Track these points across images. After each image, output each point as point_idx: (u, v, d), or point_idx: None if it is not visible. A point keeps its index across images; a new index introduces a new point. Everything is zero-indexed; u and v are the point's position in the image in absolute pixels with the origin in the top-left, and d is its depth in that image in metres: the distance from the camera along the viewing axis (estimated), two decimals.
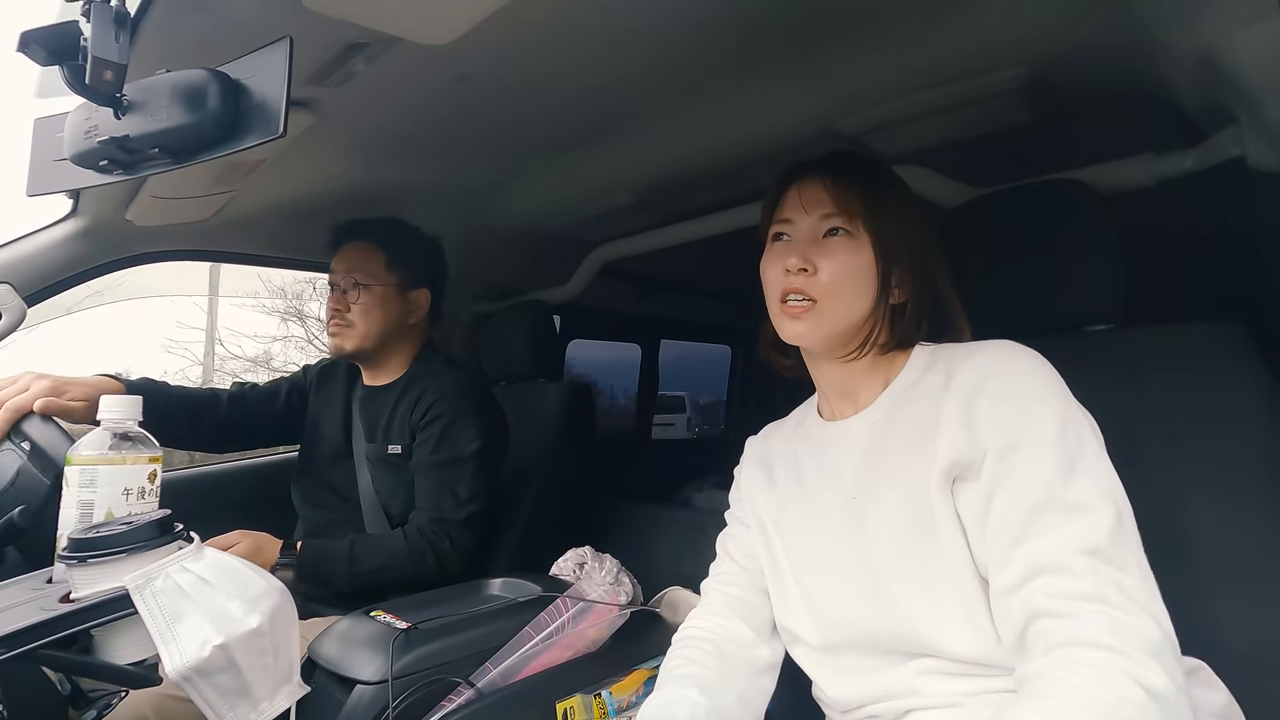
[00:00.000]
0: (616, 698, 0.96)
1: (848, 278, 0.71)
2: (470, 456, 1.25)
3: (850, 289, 0.71)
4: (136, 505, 0.66)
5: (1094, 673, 0.51)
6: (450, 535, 1.20)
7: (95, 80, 0.59)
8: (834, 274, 0.71)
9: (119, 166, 0.70)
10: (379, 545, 1.18)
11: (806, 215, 0.73)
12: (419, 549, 1.18)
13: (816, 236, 0.73)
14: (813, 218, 0.73)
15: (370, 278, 1.30)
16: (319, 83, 0.92)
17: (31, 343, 1.15)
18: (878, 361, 0.75)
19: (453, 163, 1.34)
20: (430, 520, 1.20)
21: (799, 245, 0.73)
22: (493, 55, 0.94)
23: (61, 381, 1.02)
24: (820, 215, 0.73)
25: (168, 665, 0.55)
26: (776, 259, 0.74)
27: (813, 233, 0.73)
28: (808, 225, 0.73)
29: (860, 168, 0.75)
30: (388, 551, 1.17)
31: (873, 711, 0.69)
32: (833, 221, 0.72)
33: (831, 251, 0.71)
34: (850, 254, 0.71)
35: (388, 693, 0.83)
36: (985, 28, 0.93)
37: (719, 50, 1.00)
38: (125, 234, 1.34)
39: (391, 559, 1.17)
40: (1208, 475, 0.74)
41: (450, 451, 1.24)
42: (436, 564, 1.18)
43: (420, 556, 1.17)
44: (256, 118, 0.62)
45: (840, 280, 0.71)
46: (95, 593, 0.57)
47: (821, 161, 0.76)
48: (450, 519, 1.21)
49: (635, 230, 1.66)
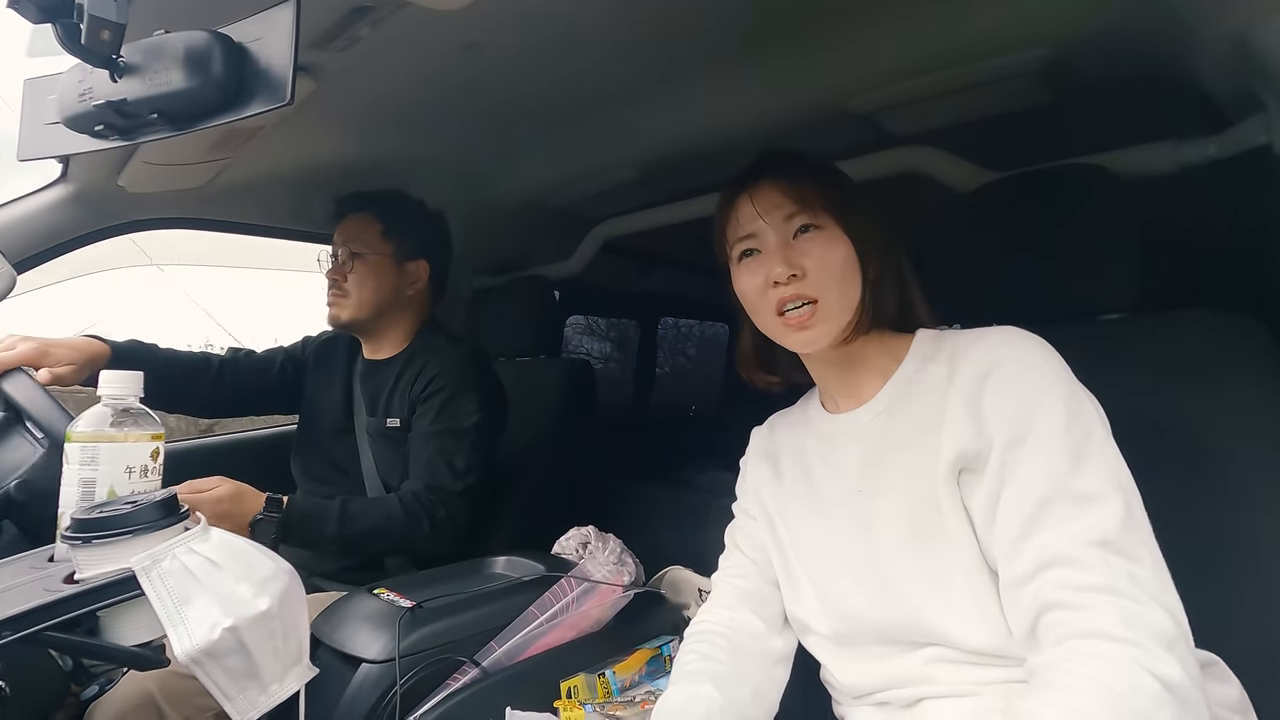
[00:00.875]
0: (620, 677, 0.96)
1: (836, 269, 0.69)
2: (469, 429, 1.23)
3: (841, 279, 0.70)
4: (139, 483, 0.65)
5: (1106, 664, 0.51)
6: (445, 505, 1.18)
7: (91, 40, 0.56)
8: (821, 269, 0.69)
9: (116, 132, 0.67)
10: (372, 508, 1.15)
11: (768, 222, 0.71)
12: (414, 514, 1.15)
13: (787, 240, 0.71)
14: (776, 221, 0.71)
15: (365, 247, 1.29)
16: (322, 47, 0.89)
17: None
18: (878, 349, 0.74)
19: (456, 134, 1.31)
20: (426, 488, 1.18)
21: (775, 253, 0.70)
22: (500, 23, 0.91)
23: (46, 343, 0.99)
24: (783, 217, 0.71)
25: (177, 648, 0.54)
26: (752, 274, 0.72)
27: (782, 238, 0.71)
28: (774, 232, 0.71)
29: (802, 163, 0.74)
30: (382, 514, 1.14)
31: (883, 698, 0.70)
32: (798, 220, 0.71)
33: (809, 249, 0.70)
34: (827, 246, 0.70)
35: (394, 671, 0.83)
36: (1008, 6, 0.90)
37: (729, 23, 0.97)
38: (117, 200, 1.30)
39: (386, 522, 1.13)
40: (1220, 466, 0.74)
41: (449, 423, 1.23)
42: (430, 532, 1.15)
43: (415, 522, 1.14)
44: (262, 83, 0.59)
45: (830, 273, 0.69)
46: (101, 574, 0.55)
47: (761, 167, 0.74)
48: (447, 489, 1.19)
49: (639, 207, 1.64)
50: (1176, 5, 0.79)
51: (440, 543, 1.18)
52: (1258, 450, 0.73)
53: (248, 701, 0.57)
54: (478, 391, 1.26)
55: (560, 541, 1.19)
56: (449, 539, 1.19)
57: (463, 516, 1.21)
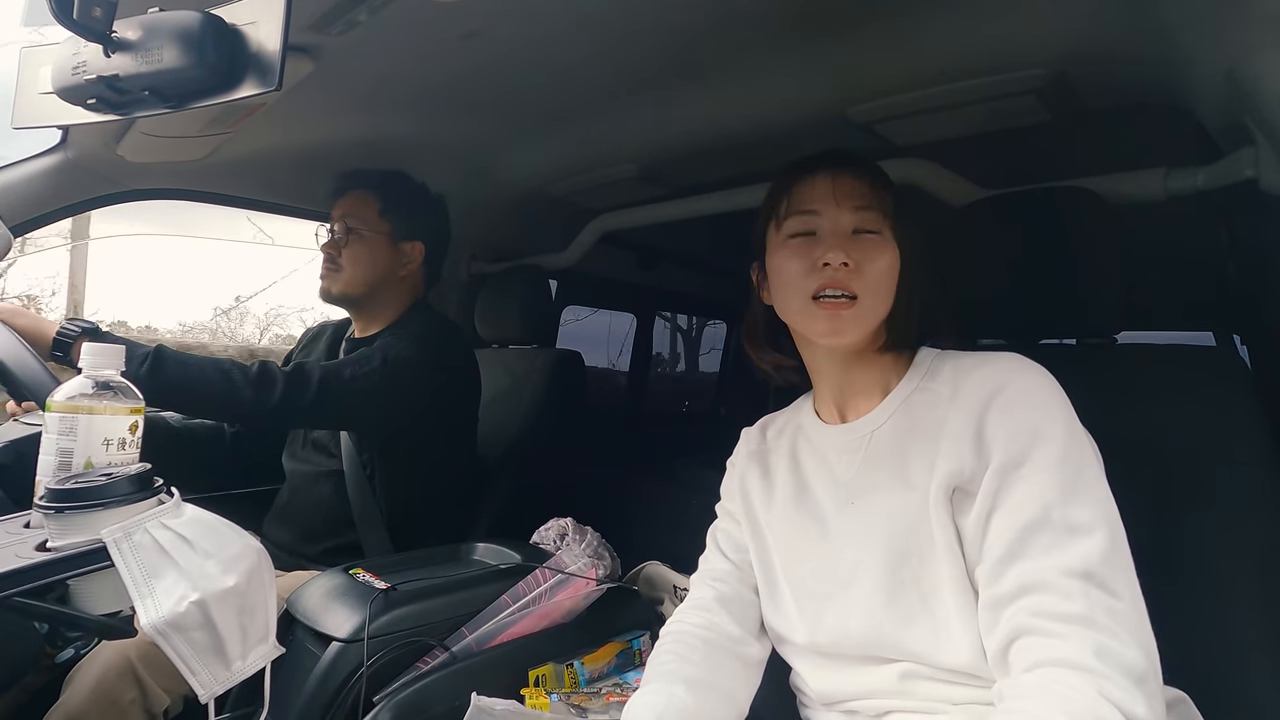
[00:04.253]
0: (588, 668, 0.97)
1: (885, 277, 0.69)
2: (393, 360, 1.17)
3: (886, 289, 0.70)
4: (117, 455, 0.65)
5: (1073, 694, 0.51)
6: (315, 392, 1.08)
7: (83, 15, 0.56)
8: (875, 272, 0.69)
9: (108, 105, 0.68)
10: (208, 362, 1.05)
11: (838, 207, 0.70)
12: (268, 377, 1.06)
13: (845, 232, 0.70)
14: (844, 211, 0.70)
15: (361, 224, 1.30)
16: (320, 30, 0.89)
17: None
18: (881, 364, 0.74)
19: (455, 120, 1.31)
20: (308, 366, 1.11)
21: (834, 239, 0.70)
22: (502, 12, 0.90)
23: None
24: (853, 208, 0.70)
25: (143, 618, 0.55)
26: (802, 253, 0.70)
27: (845, 227, 0.70)
28: (840, 220, 0.70)
29: (879, 171, 0.74)
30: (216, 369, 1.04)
31: (852, 707, 0.70)
32: (865, 216, 0.70)
33: (866, 249, 0.69)
34: (881, 254, 0.70)
35: (363, 651, 0.84)
36: (1010, 25, 0.90)
37: (734, 24, 0.97)
38: (116, 169, 1.30)
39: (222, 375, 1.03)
40: (1198, 495, 0.74)
41: (374, 352, 1.18)
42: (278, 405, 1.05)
43: (262, 384, 1.04)
44: (252, 67, 0.60)
45: (880, 279, 0.69)
46: (72, 543, 0.57)
47: (842, 157, 0.74)
48: (330, 381, 1.10)
49: (638, 201, 1.64)
50: (1175, 34, 0.79)
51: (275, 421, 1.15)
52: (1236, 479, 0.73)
53: (211, 676, 0.58)
54: (420, 348, 1.21)
55: (539, 532, 1.20)
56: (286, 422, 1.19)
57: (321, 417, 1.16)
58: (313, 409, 1.09)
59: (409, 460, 1.26)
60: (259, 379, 1.05)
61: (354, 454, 1.26)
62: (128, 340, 0.99)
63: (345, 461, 1.26)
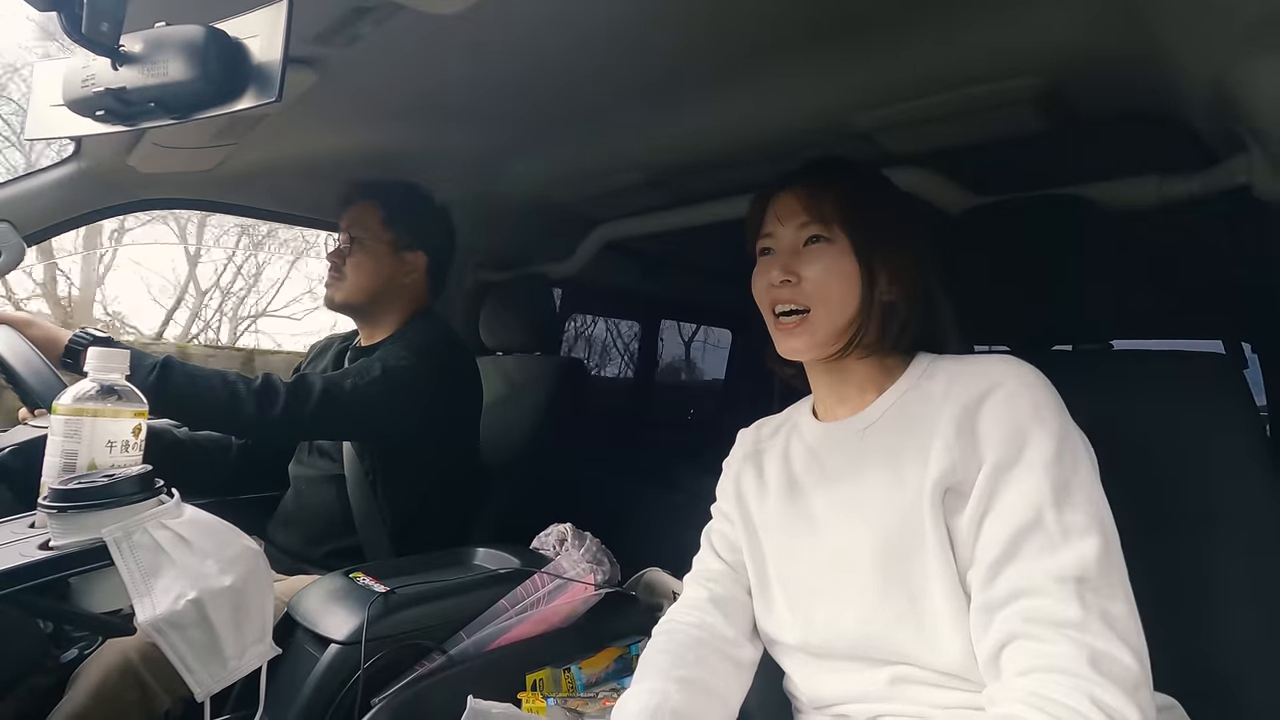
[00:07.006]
0: (586, 673, 0.98)
1: (832, 282, 0.71)
2: (393, 369, 1.18)
3: (836, 293, 0.71)
4: (120, 458, 0.67)
5: (1065, 701, 0.51)
6: (316, 403, 1.09)
7: (92, 30, 0.58)
8: (817, 280, 0.71)
9: (116, 117, 0.70)
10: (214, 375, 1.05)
11: (784, 227, 0.75)
12: (271, 390, 1.07)
13: (797, 247, 0.74)
14: (790, 229, 0.74)
15: (366, 234, 1.33)
16: (324, 42, 0.91)
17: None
18: (875, 366, 0.75)
19: (459, 130, 1.33)
20: (309, 377, 1.12)
21: (781, 257, 0.74)
22: (504, 25, 0.92)
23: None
24: (796, 225, 0.74)
25: (140, 616, 0.57)
26: (762, 273, 0.76)
27: (793, 243, 0.74)
28: (787, 237, 0.75)
29: (839, 173, 0.75)
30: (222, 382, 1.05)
31: (843, 711, 0.70)
32: (809, 230, 0.73)
33: (812, 259, 0.73)
34: (831, 259, 0.72)
35: (361, 653, 0.85)
36: (1006, 36, 0.91)
37: (735, 35, 0.98)
38: (128, 179, 1.33)
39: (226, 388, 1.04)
40: (1193, 500, 0.74)
41: (374, 362, 1.20)
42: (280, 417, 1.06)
43: (265, 396, 1.05)
44: (254, 79, 0.62)
45: (824, 285, 0.71)
46: (73, 542, 0.58)
47: (798, 173, 0.77)
48: (331, 392, 1.11)
49: (641, 210, 1.65)
50: (1163, 40, 0.79)
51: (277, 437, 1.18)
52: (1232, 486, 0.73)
53: (208, 674, 0.59)
54: (421, 356, 1.22)
55: (539, 537, 1.20)
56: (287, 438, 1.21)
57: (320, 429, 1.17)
58: (315, 420, 1.11)
59: (411, 465, 1.27)
60: (262, 392, 1.07)
61: (356, 459, 1.27)
62: (136, 350, 1.00)
63: (347, 466, 1.27)
